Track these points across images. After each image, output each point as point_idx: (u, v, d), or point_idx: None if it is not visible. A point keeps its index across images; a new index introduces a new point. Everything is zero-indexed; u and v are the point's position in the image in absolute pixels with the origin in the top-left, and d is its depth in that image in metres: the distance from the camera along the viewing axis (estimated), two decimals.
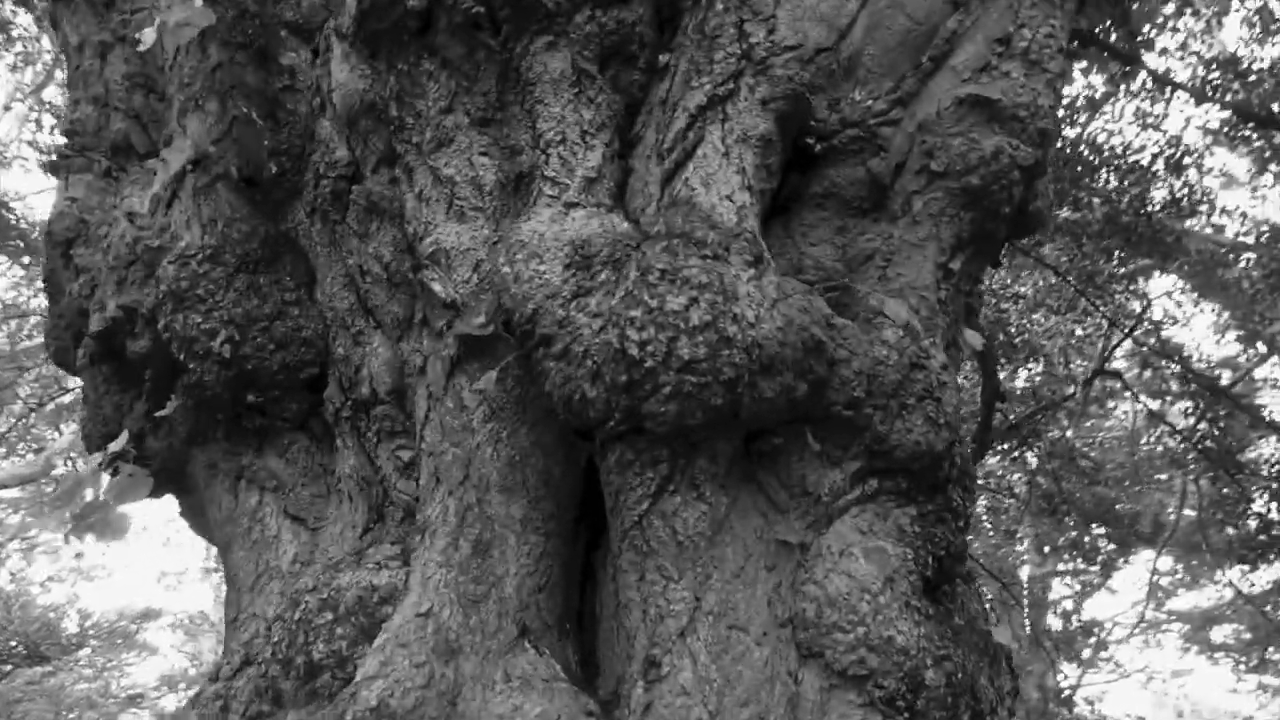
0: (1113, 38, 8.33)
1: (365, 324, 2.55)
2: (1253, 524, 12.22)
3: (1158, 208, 9.80)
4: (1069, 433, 13.42)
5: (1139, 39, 8.87)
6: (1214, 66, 9.84)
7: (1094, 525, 15.39)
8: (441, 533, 2.20)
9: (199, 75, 2.93)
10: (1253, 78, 9.62)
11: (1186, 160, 9.90)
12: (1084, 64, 9.34)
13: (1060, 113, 4.55)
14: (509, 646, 2.10)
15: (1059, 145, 8.43)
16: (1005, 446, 11.87)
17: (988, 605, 2.59)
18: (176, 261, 2.50)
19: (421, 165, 2.46)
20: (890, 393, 2.22)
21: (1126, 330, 11.25)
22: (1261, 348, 14.45)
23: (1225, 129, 10.70)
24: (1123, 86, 10.10)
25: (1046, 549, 17.50)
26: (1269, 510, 12.14)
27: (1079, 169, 9.41)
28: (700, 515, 2.12)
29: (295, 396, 2.56)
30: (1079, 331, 11.83)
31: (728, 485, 2.17)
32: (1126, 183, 9.49)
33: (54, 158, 3.65)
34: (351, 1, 2.46)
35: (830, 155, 2.41)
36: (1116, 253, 10.38)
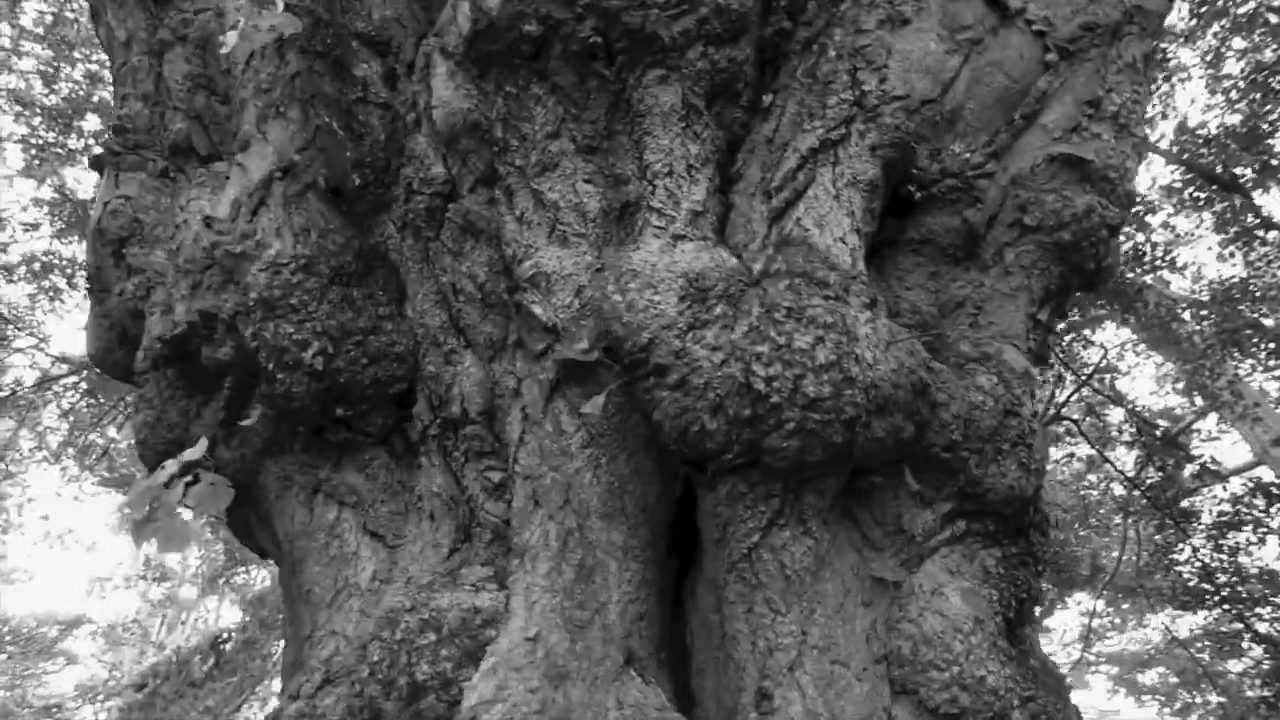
0: None
1: (457, 343, 2.54)
2: (1185, 571, 12.60)
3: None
4: None
5: None
6: (1181, 132, 10.25)
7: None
8: (543, 557, 2.20)
9: (278, 82, 2.91)
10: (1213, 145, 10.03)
11: (1150, 217, 10.28)
12: None
13: None
14: (616, 674, 2.10)
15: None
16: None
17: None
18: (268, 269, 2.46)
19: (524, 188, 2.47)
20: (986, 437, 2.29)
21: (1084, 378, 11.59)
22: (1199, 400, 14.96)
23: (1187, 190, 11.13)
24: None
25: None
26: (1209, 558, 12.54)
27: None
28: (806, 550, 2.16)
29: (382, 412, 2.53)
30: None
31: (829, 521, 2.21)
32: None
33: (102, 152, 3.58)
34: (464, 22, 2.47)
35: (928, 203, 2.48)
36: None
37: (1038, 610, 2.50)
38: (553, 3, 2.37)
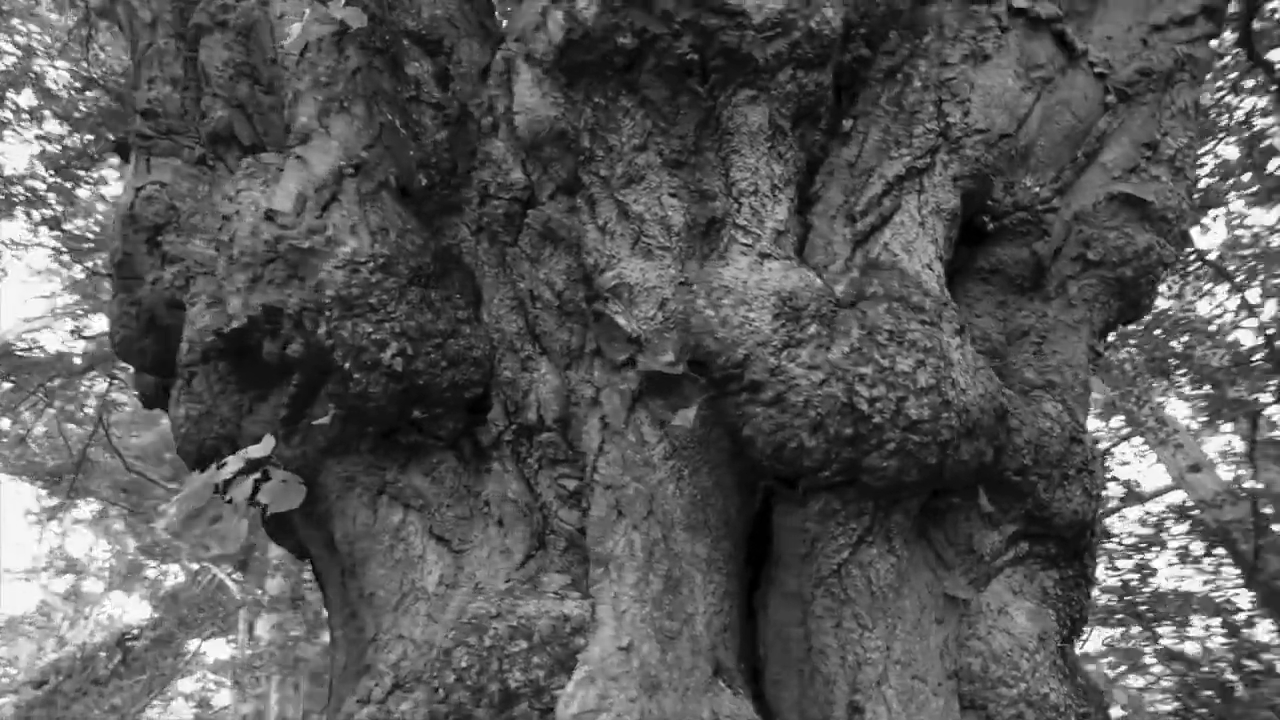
0: None
1: (533, 349, 2.54)
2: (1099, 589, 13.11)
3: None
4: None
5: None
6: None
7: None
8: (629, 567, 2.22)
9: (339, 76, 2.88)
10: None
11: None
12: None
13: None
14: (706, 685, 2.13)
15: None
16: None
17: None
18: (345, 267, 2.43)
19: (608, 198, 2.48)
20: (1054, 463, 2.38)
21: None
22: (1117, 421, 15.59)
23: None
24: None
25: None
26: (1123, 578, 13.08)
27: None
28: (890, 567, 2.22)
29: (454, 416, 2.51)
30: None
31: (908, 540, 2.27)
32: None
33: (129, 136, 3.48)
34: (555, 30, 2.48)
35: (999, 234, 2.56)
36: None
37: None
38: (650, 17, 2.39)
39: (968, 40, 2.51)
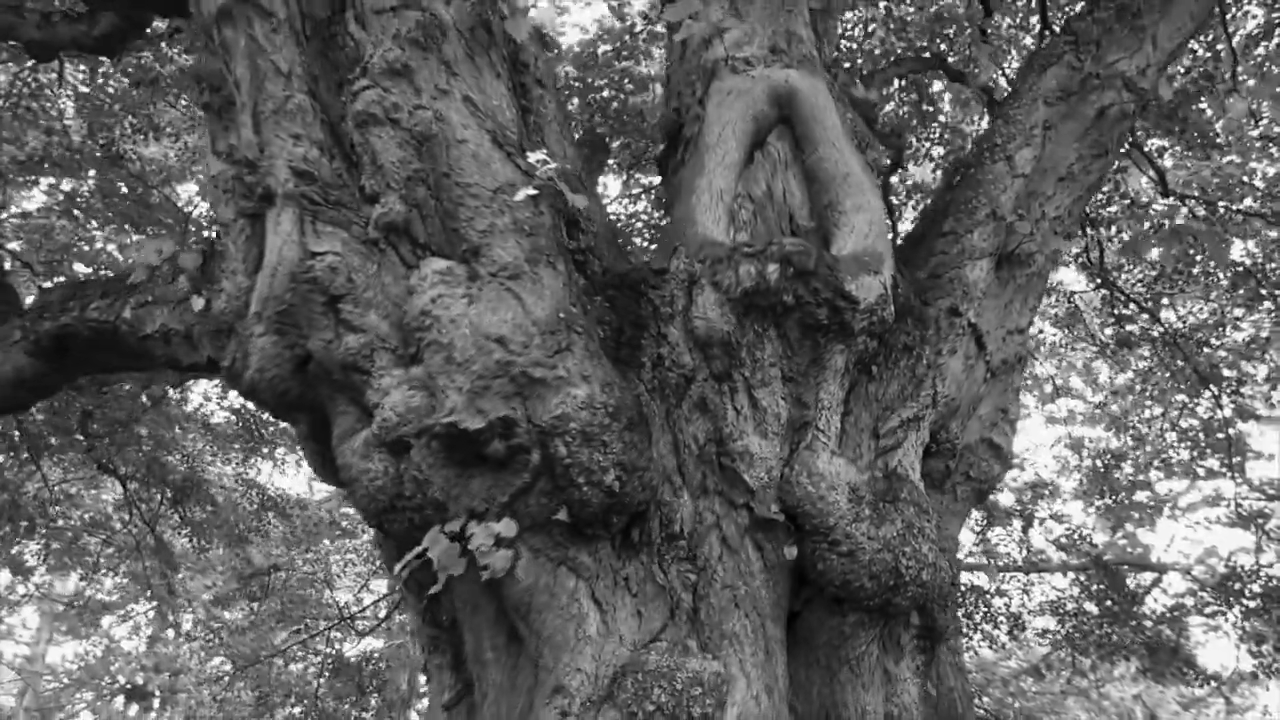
0: None
1: (680, 482, 3.73)
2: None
3: None
4: None
5: None
6: None
7: None
8: (747, 640, 3.55)
9: (539, 230, 3.81)
10: None
11: None
12: None
13: None
14: None
15: None
16: None
17: None
18: (586, 409, 3.42)
19: (744, 392, 3.77)
20: (946, 595, 4.10)
21: None
22: None
23: None
24: None
25: None
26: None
27: None
28: (879, 655, 3.79)
29: (623, 519, 3.60)
30: None
31: (888, 643, 3.87)
32: None
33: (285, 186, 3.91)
34: (745, 278, 3.70)
35: (929, 454, 4.26)
36: None
37: None
38: (807, 289, 3.72)
39: (947, 340, 4.16)
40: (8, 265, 9.47)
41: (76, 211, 10.91)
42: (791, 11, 4.80)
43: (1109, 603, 12.87)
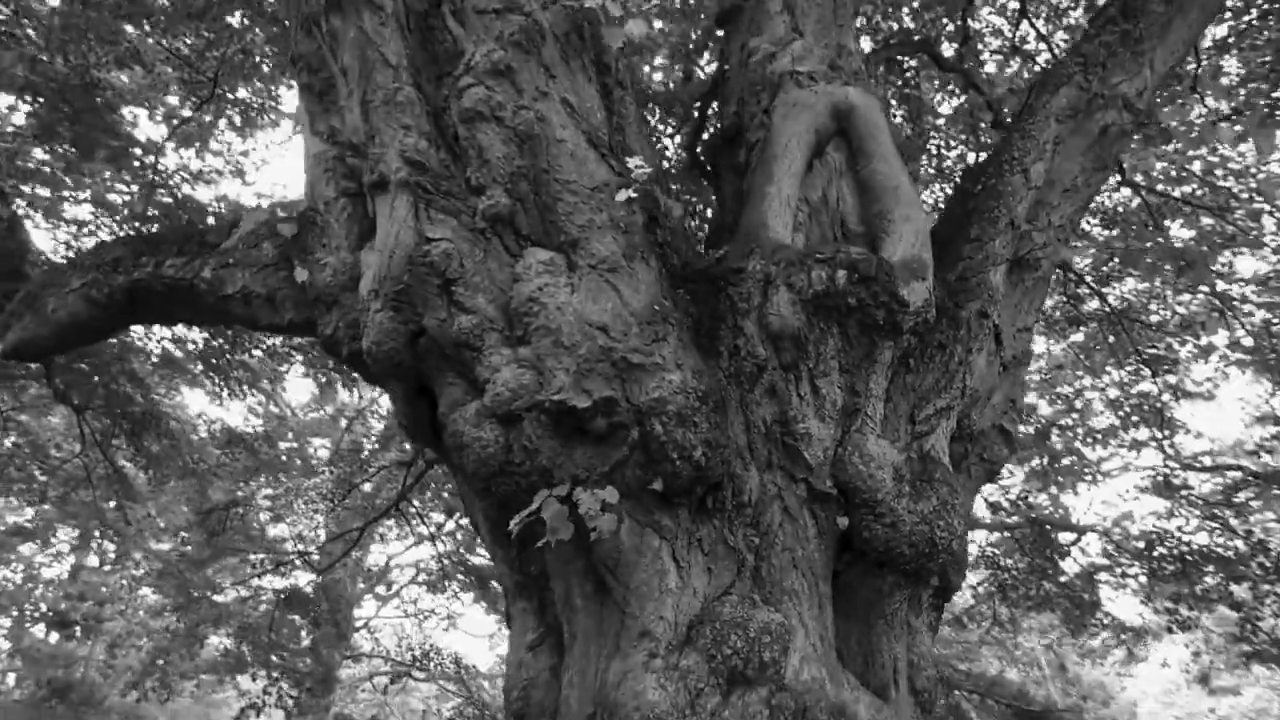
0: None
1: (750, 459, 4.25)
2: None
3: None
4: None
5: None
6: None
7: None
8: (803, 597, 4.12)
9: (634, 228, 4.26)
10: None
11: None
12: None
13: None
14: (839, 668, 4.13)
15: None
16: None
17: None
18: (681, 393, 3.91)
19: (807, 380, 4.29)
20: (959, 556, 4.73)
21: None
22: None
23: None
24: None
25: None
26: None
27: None
28: (910, 610, 4.40)
29: (701, 488, 4.10)
30: None
31: (914, 600, 4.47)
32: None
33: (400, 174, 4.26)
34: (818, 283, 4.20)
35: (953, 438, 4.85)
36: None
37: None
38: (868, 293, 4.24)
39: (976, 340, 4.73)
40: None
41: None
42: (842, 26, 5.25)
43: (1039, 560, 13.93)
